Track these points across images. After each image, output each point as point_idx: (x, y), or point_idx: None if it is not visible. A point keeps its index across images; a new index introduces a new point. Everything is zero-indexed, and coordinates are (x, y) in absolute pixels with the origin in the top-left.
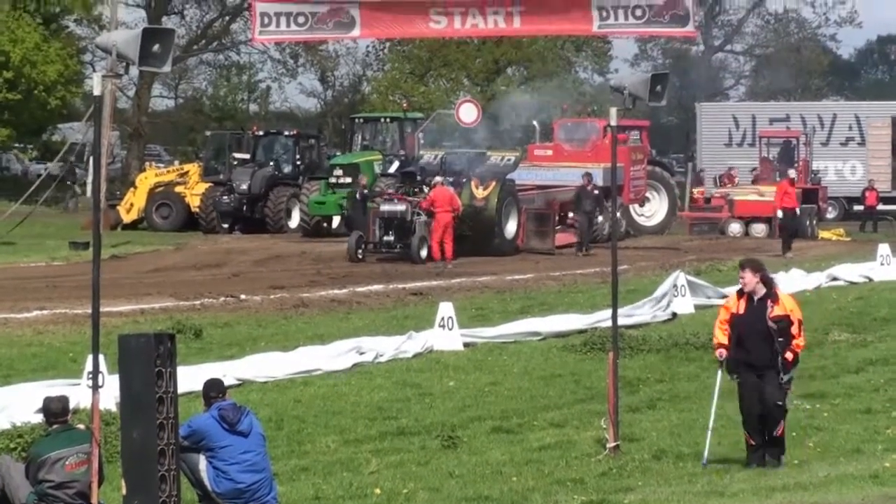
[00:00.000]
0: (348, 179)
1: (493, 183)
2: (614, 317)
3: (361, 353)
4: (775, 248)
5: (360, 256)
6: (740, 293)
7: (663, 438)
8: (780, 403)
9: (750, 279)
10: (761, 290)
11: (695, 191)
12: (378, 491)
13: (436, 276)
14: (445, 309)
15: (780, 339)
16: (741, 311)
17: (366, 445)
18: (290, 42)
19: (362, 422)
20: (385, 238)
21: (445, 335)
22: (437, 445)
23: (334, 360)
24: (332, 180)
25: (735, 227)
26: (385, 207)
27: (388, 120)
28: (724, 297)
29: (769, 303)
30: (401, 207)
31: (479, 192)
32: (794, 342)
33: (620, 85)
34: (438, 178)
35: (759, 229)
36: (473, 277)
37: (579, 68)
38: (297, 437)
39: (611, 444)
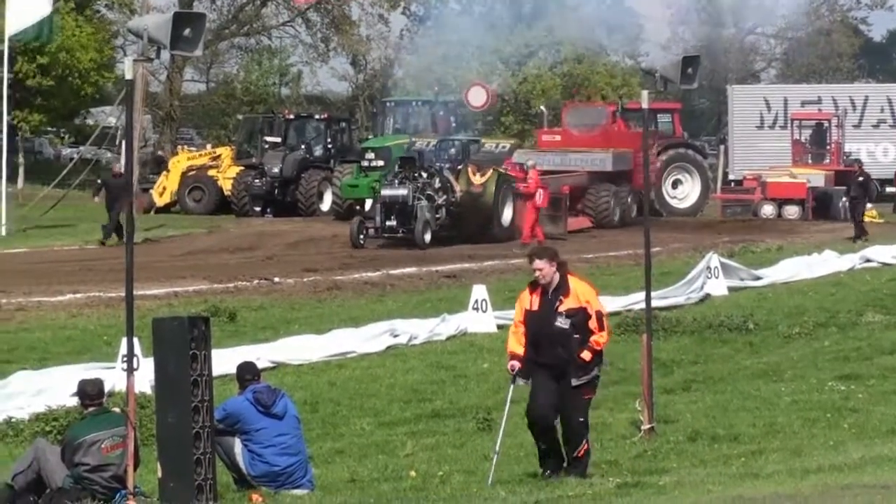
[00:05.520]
0: (380, 163)
1: (490, 170)
2: (648, 299)
3: (395, 336)
4: (809, 229)
5: (362, 242)
6: (533, 286)
7: (698, 420)
8: (582, 420)
9: (547, 269)
10: (556, 281)
11: None
12: (413, 473)
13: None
14: (479, 291)
15: (577, 336)
16: (534, 306)
17: (401, 428)
18: None
19: (397, 404)
20: (387, 223)
21: (479, 317)
22: (473, 428)
23: (368, 342)
24: (365, 163)
25: (768, 209)
26: (387, 192)
27: (419, 103)
28: (758, 278)
29: (560, 295)
30: (402, 192)
31: (476, 179)
32: (593, 338)
33: (652, 68)
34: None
35: (791, 211)
36: (506, 260)
37: (610, 52)
38: (331, 419)
39: (645, 426)
